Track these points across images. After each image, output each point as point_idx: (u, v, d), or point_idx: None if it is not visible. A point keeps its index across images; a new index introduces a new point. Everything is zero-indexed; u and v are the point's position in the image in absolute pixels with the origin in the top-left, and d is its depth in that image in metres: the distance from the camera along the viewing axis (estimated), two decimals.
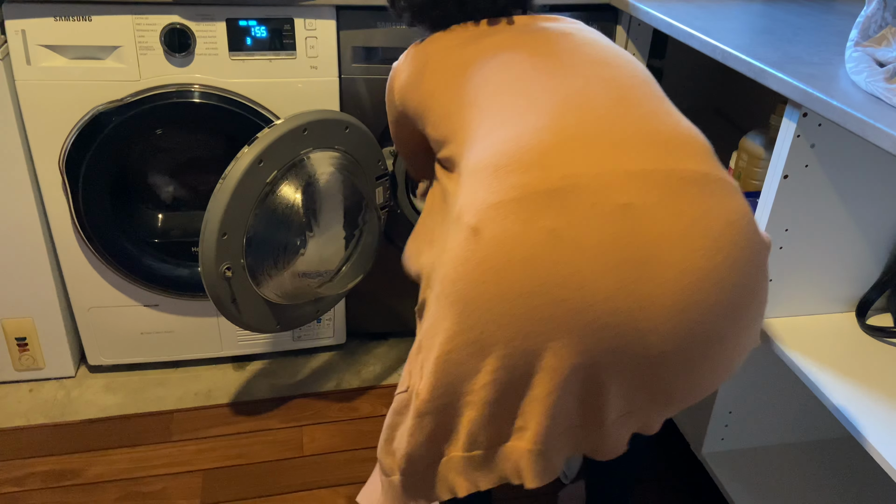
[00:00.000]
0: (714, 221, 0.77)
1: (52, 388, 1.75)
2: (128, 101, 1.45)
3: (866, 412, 1.05)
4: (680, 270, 0.75)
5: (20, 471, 1.52)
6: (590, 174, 0.76)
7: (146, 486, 1.50)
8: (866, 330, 1.24)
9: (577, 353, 0.76)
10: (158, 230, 1.68)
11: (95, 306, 1.69)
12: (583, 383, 0.80)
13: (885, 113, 0.91)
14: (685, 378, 0.81)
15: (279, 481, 1.52)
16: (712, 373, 0.83)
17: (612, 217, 0.75)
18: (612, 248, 0.74)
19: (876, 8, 1.02)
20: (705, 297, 0.76)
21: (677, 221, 0.76)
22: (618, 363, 0.78)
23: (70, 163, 1.48)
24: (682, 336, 0.77)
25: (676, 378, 0.81)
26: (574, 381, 0.79)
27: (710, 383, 0.85)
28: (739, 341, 0.83)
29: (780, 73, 1.05)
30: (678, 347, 0.78)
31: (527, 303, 0.75)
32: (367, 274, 1.61)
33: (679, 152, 0.80)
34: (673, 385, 0.82)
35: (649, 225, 0.75)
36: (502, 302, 0.75)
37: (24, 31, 1.38)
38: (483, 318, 0.76)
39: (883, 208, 1.20)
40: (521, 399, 0.80)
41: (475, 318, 0.77)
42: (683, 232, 0.75)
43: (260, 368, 1.84)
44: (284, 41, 1.49)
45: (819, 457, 1.44)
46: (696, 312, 0.76)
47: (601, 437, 0.85)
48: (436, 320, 0.82)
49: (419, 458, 0.88)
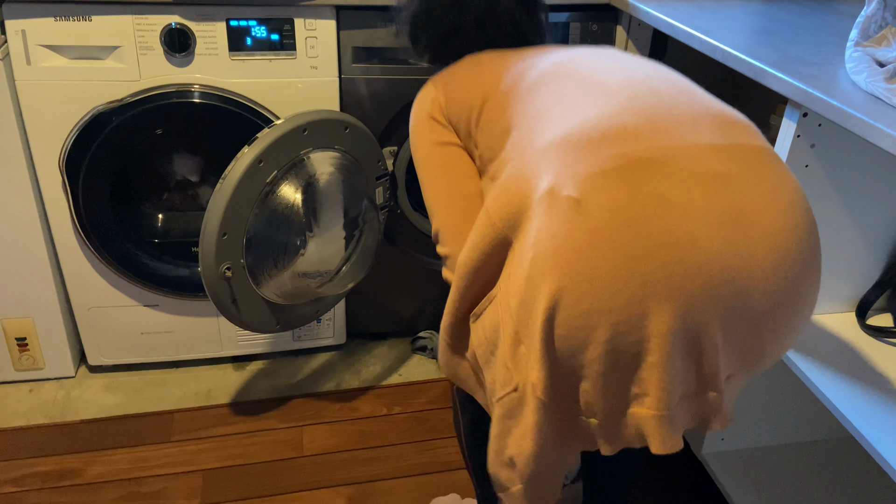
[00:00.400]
0: (786, 187, 0.82)
1: (52, 388, 1.75)
2: (128, 101, 1.45)
3: (866, 412, 1.05)
4: (771, 232, 0.79)
5: (20, 471, 1.52)
6: (678, 146, 0.80)
7: (146, 486, 1.50)
8: (866, 330, 1.24)
9: (691, 312, 0.77)
10: (158, 230, 1.68)
11: (95, 306, 1.69)
12: (695, 345, 0.80)
13: (885, 113, 0.91)
14: (773, 337, 0.84)
15: (279, 481, 1.52)
16: (793, 333, 0.86)
17: (709, 183, 0.78)
18: (715, 211, 0.77)
19: (876, 8, 1.02)
20: (793, 256, 0.80)
21: (760, 188, 0.80)
22: (726, 321, 0.79)
23: (70, 163, 1.48)
24: (779, 293, 0.80)
25: (768, 337, 0.83)
26: (687, 343, 0.79)
27: (788, 344, 0.88)
28: (811, 300, 0.87)
29: (780, 73, 1.05)
30: (775, 304, 0.81)
31: (641, 266, 0.75)
32: (367, 274, 1.61)
33: (741, 130, 0.84)
34: (764, 345, 0.84)
35: (740, 191, 0.79)
36: (616, 268, 0.75)
37: (24, 31, 1.38)
38: (594, 288, 0.76)
39: (883, 208, 1.20)
40: (638, 366, 0.80)
41: (584, 290, 0.76)
42: (768, 197, 0.80)
43: (260, 368, 1.84)
44: (284, 41, 1.49)
45: (819, 457, 1.44)
46: (787, 270, 0.80)
47: (719, 402, 0.86)
48: (532, 303, 0.80)
49: (547, 455, 0.87)
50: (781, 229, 0.79)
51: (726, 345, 0.82)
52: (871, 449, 0.99)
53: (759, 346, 0.83)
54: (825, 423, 1.46)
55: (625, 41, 1.65)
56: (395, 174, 1.67)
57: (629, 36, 1.64)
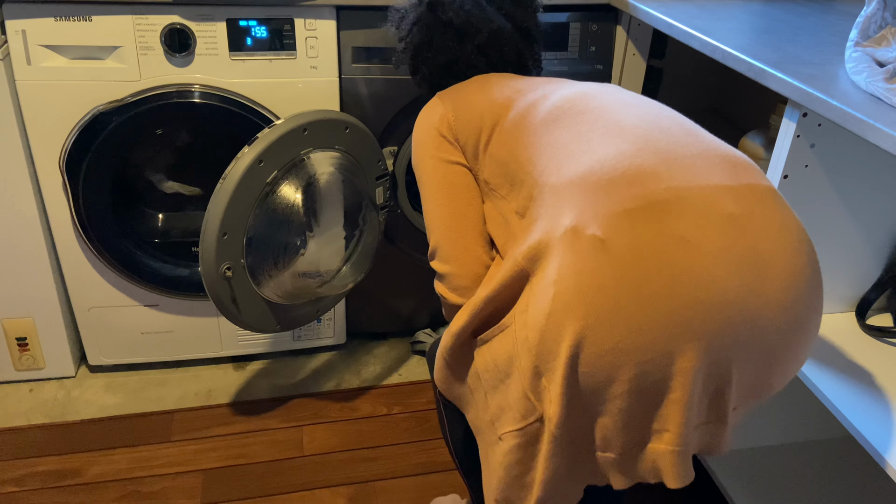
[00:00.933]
0: (792, 226, 0.85)
1: (52, 388, 1.75)
2: (128, 102, 1.45)
3: (866, 412, 1.05)
4: (781, 270, 0.82)
5: (20, 471, 1.52)
6: (694, 187, 0.82)
7: (146, 486, 1.50)
8: (866, 330, 1.24)
9: (711, 350, 0.80)
10: (158, 230, 1.68)
11: (95, 306, 1.69)
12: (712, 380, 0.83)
13: (885, 113, 0.91)
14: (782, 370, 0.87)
15: (279, 481, 1.52)
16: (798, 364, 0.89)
17: (725, 224, 0.81)
18: (733, 252, 0.80)
19: (876, 8, 1.02)
20: (802, 293, 0.83)
21: (770, 227, 0.83)
22: (743, 358, 0.82)
23: (70, 163, 1.48)
24: (790, 330, 0.83)
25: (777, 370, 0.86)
26: (707, 379, 0.82)
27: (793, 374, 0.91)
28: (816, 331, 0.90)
29: (780, 73, 1.06)
30: (786, 340, 0.84)
31: (665, 305, 0.77)
32: (367, 274, 1.61)
33: (747, 171, 0.87)
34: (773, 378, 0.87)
35: (753, 231, 0.82)
36: (641, 307, 0.77)
37: (24, 31, 1.38)
38: (620, 327, 0.78)
39: (883, 208, 1.20)
40: (660, 404, 0.82)
41: (610, 328, 0.78)
42: (777, 236, 0.83)
43: (260, 368, 1.84)
44: (284, 41, 1.49)
45: (819, 457, 1.44)
46: (797, 307, 0.83)
47: (723, 432, 0.88)
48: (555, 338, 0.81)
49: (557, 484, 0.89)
50: (792, 270, 0.83)
51: (739, 379, 0.84)
52: (871, 449, 0.99)
53: (768, 380, 0.87)
54: (825, 423, 1.46)
55: (625, 41, 1.65)
56: (395, 174, 1.67)
57: (629, 36, 1.64)
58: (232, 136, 1.54)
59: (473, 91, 1.11)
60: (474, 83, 1.13)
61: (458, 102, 1.10)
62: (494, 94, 1.08)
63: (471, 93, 1.10)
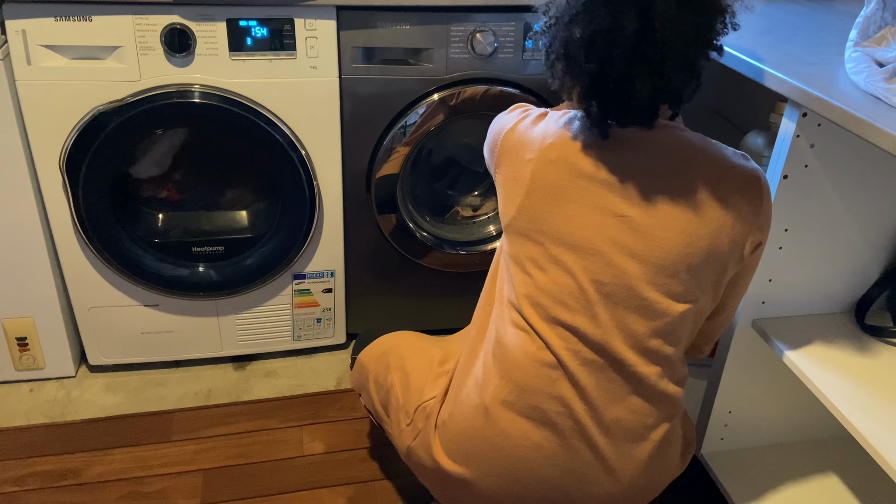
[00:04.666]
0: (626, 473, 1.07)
1: (52, 387, 1.75)
2: (128, 102, 1.45)
3: (866, 412, 1.05)
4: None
5: (20, 471, 1.52)
6: None
7: (146, 486, 1.50)
8: (866, 330, 1.24)
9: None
10: (158, 230, 1.68)
11: (96, 306, 1.69)
12: None
13: (884, 113, 0.91)
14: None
15: (279, 481, 1.52)
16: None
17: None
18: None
19: (875, 8, 1.02)
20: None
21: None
22: None
23: (70, 163, 1.48)
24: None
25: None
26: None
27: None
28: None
29: (780, 73, 1.06)
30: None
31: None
32: None
33: None
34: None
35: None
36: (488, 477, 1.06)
37: (24, 31, 1.38)
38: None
39: (882, 208, 1.20)
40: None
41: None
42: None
43: (260, 368, 1.84)
44: (284, 41, 1.49)
45: (819, 457, 1.44)
46: None
47: None
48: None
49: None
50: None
51: None
52: (870, 449, 0.99)
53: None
54: (825, 423, 1.46)
55: None
56: (400, 175, 1.67)
57: None
58: (232, 136, 1.54)
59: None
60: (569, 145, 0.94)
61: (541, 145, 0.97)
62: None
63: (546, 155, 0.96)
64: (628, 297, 0.92)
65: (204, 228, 1.69)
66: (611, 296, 0.93)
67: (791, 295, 1.25)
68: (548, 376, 0.96)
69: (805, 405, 1.42)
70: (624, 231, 0.92)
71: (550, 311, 0.95)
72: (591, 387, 0.95)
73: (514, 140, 1.00)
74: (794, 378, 1.38)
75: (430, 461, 1.05)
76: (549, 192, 0.94)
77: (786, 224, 1.17)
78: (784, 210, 1.15)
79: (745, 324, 1.26)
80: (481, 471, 1.00)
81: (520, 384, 0.97)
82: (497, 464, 0.99)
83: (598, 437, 0.96)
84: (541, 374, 0.96)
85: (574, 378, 0.95)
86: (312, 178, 1.60)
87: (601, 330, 0.93)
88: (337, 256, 1.76)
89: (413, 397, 1.12)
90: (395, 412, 1.15)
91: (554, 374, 0.96)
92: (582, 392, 0.95)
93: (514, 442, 0.98)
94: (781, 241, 1.18)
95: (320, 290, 1.79)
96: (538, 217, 0.95)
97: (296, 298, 1.78)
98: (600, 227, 0.92)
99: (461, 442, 1.01)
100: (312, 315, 1.82)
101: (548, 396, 0.96)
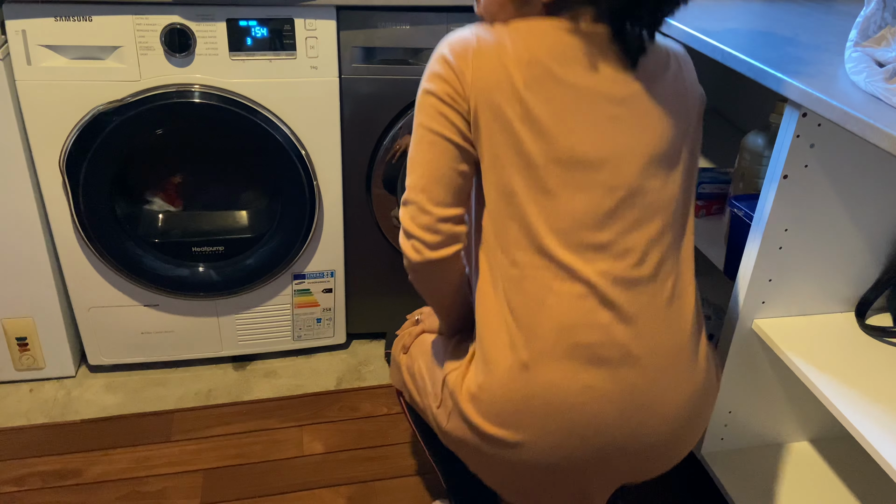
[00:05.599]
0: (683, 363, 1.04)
1: (52, 387, 1.75)
2: (128, 101, 1.45)
3: (866, 412, 1.05)
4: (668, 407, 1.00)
5: (20, 471, 1.52)
6: None
7: (146, 486, 1.50)
8: (866, 330, 1.24)
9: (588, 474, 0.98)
10: (158, 230, 1.68)
11: (95, 306, 1.69)
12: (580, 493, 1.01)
13: (884, 113, 0.91)
14: (661, 467, 1.04)
15: (279, 481, 1.52)
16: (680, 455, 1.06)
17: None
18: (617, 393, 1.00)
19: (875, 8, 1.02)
20: (683, 428, 1.02)
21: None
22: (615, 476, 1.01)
23: (70, 163, 1.48)
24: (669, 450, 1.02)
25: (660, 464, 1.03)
26: (575, 490, 1.00)
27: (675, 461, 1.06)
28: (700, 434, 1.07)
29: (780, 73, 1.05)
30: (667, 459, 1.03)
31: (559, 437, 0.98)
32: None
33: None
34: (655, 469, 1.03)
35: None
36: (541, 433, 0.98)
37: (24, 31, 1.38)
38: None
39: (882, 208, 1.20)
40: (546, 493, 1.02)
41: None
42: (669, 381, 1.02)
43: (260, 368, 1.84)
44: (284, 41, 1.49)
45: (819, 457, 1.44)
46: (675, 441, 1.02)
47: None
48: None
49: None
50: (678, 408, 0.96)
51: (612, 484, 1.02)
52: (870, 449, 0.99)
53: (647, 472, 1.02)
54: (825, 423, 1.46)
55: None
56: (400, 175, 1.67)
57: None
58: (232, 136, 1.54)
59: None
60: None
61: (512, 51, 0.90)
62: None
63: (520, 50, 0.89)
64: (640, 199, 0.90)
65: (204, 228, 1.69)
66: (624, 201, 0.90)
67: (791, 295, 1.25)
68: (581, 307, 0.90)
69: (805, 405, 1.42)
70: (619, 130, 0.89)
71: (570, 237, 0.90)
72: (626, 304, 0.90)
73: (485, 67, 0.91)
74: (794, 378, 1.38)
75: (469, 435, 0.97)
76: (547, 108, 0.89)
77: (786, 224, 1.17)
78: (784, 210, 1.15)
79: (745, 324, 1.26)
80: (533, 432, 0.93)
81: (555, 325, 0.90)
82: (549, 420, 0.92)
83: (647, 359, 0.92)
84: (574, 308, 0.90)
85: (608, 300, 0.90)
86: (312, 178, 1.60)
87: (623, 242, 0.90)
88: (337, 256, 1.76)
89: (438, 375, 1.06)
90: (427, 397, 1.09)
91: (586, 303, 0.90)
92: (619, 312, 0.90)
93: (563, 389, 0.91)
94: (781, 241, 1.18)
95: (320, 290, 1.79)
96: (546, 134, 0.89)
97: (296, 298, 1.78)
98: (598, 131, 0.89)
99: (503, 408, 0.93)
100: (312, 315, 1.82)
101: (587, 328, 0.90)
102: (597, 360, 0.91)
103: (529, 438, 0.93)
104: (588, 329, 0.90)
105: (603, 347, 0.91)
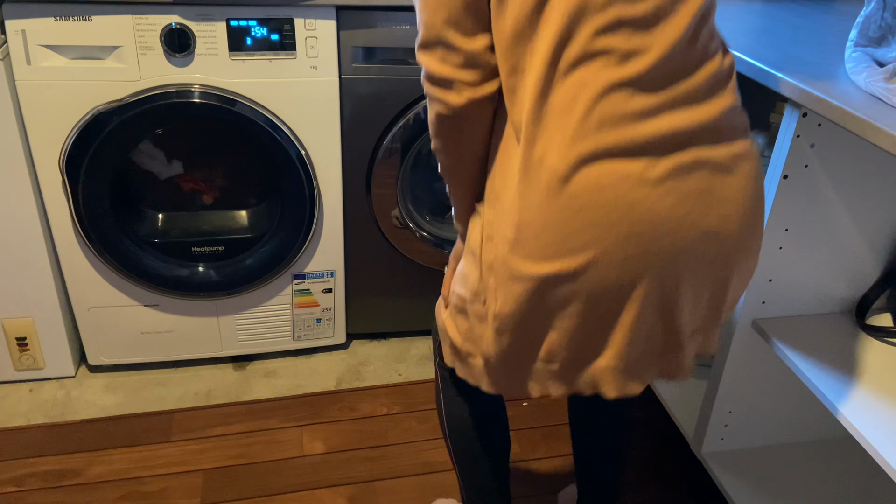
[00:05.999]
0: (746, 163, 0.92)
1: (52, 388, 1.75)
2: (128, 101, 1.45)
3: (866, 412, 1.05)
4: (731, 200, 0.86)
5: (20, 471, 1.52)
6: None
7: (146, 486, 1.50)
8: (866, 330, 1.24)
9: (661, 277, 0.84)
10: (158, 230, 1.68)
11: (95, 306, 1.69)
12: (666, 305, 0.87)
13: (884, 113, 0.91)
14: (738, 282, 0.92)
15: (279, 481, 1.52)
16: (749, 274, 0.94)
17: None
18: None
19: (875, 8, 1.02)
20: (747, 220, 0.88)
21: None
22: (695, 277, 0.86)
23: (70, 163, 1.48)
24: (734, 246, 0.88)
25: (731, 283, 0.91)
26: (660, 304, 0.86)
27: (745, 285, 0.96)
28: (760, 243, 0.95)
29: (779, 73, 1.06)
30: (737, 251, 0.88)
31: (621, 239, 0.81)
32: None
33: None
34: (727, 292, 0.91)
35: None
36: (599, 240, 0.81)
37: (24, 31, 1.38)
38: (584, 249, 0.81)
39: (883, 208, 1.20)
40: (610, 328, 0.87)
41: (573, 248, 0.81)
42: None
43: (260, 368, 1.84)
44: (284, 41, 1.49)
45: (819, 457, 1.44)
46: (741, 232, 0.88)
47: (681, 358, 0.93)
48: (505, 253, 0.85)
49: (497, 357, 0.93)
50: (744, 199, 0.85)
51: (695, 299, 0.88)
52: (870, 449, 0.99)
53: (723, 294, 0.90)
54: (825, 423, 1.46)
55: None
56: (400, 175, 1.67)
57: None
58: (232, 136, 1.54)
59: None
60: None
61: None
62: None
63: None
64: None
65: (204, 228, 1.69)
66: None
67: (791, 295, 1.25)
68: (614, 101, 0.79)
69: (805, 405, 1.42)
70: None
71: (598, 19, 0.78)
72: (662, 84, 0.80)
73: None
74: (794, 378, 1.38)
75: (524, 294, 0.85)
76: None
77: (786, 224, 1.17)
78: (784, 210, 1.15)
79: (745, 324, 1.26)
80: (598, 245, 0.81)
81: (586, 124, 0.78)
82: (609, 225, 0.80)
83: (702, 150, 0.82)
84: (606, 105, 0.78)
85: (643, 83, 0.79)
86: (312, 178, 1.60)
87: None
88: (337, 256, 1.76)
89: (473, 272, 0.93)
90: (474, 304, 0.94)
91: (620, 94, 0.79)
92: (656, 93, 0.79)
93: (612, 190, 0.79)
94: (781, 241, 1.18)
95: (320, 290, 1.79)
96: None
97: (296, 298, 1.78)
98: None
99: (552, 237, 0.81)
100: (312, 315, 1.82)
101: (623, 118, 0.79)
102: (639, 149, 0.80)
103: (598, 253, 0.81)
104: (623, 120, 0.79)
105: (642, 136, 0.80)
